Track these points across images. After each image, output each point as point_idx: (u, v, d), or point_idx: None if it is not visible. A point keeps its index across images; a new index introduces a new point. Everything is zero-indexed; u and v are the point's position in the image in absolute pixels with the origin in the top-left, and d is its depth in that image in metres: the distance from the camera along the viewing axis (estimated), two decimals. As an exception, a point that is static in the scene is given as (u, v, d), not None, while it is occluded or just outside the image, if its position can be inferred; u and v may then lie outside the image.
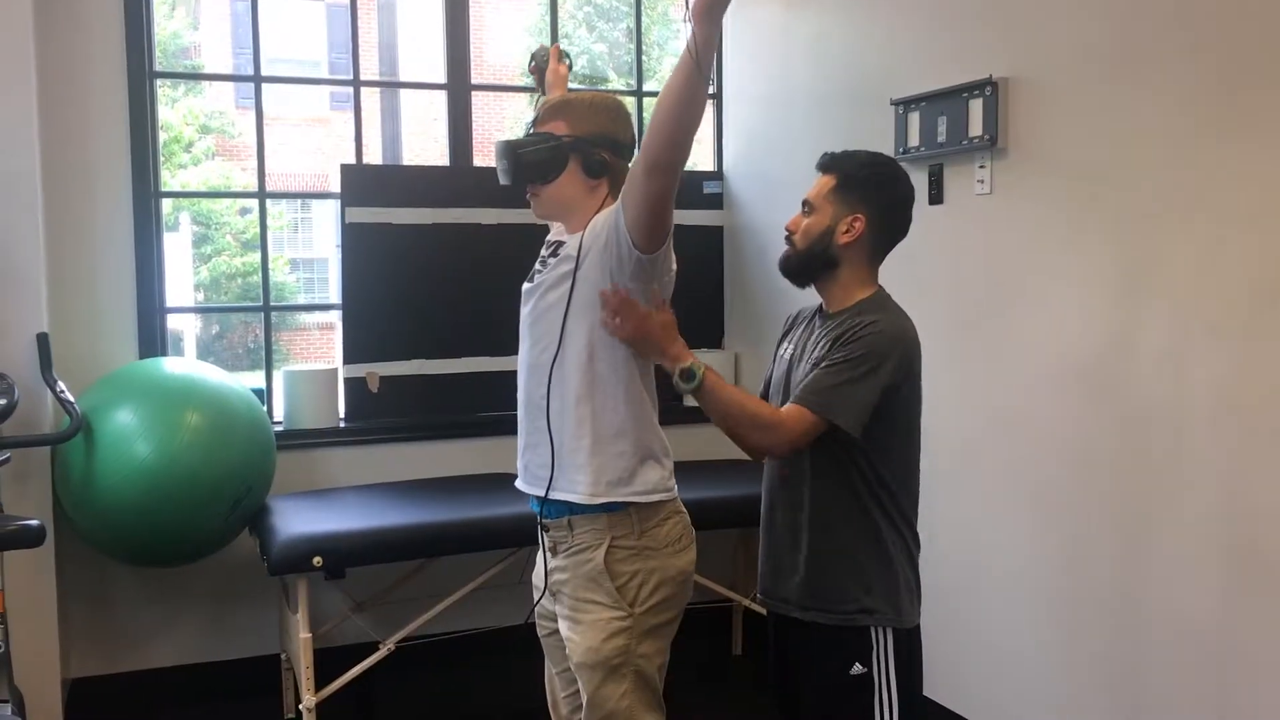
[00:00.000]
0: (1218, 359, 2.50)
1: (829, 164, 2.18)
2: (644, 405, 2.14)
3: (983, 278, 3.18)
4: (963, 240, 3.24)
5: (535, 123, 2.21)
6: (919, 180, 3.37)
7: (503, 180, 2.18)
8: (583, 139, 2.14)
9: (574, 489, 2.12)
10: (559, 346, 2.11)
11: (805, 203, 2.18)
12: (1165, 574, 2.64)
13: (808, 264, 2.17)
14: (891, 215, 2.18)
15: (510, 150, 2.15)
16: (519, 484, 2.26)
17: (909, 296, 3.43)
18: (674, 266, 2.17)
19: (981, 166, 3.15)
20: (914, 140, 3.36)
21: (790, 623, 2.18)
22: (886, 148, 3.46)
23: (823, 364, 2.06)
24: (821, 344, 2.11)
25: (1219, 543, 2.51)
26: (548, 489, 2.13)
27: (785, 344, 2.28)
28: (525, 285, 2.25)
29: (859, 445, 2.06)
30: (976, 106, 3.11)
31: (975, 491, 3.23)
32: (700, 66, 1.83)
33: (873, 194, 2.14)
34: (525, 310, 2.23)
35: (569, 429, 2.11)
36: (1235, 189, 2.45)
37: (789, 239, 2.20)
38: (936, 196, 3.33)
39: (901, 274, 3.46)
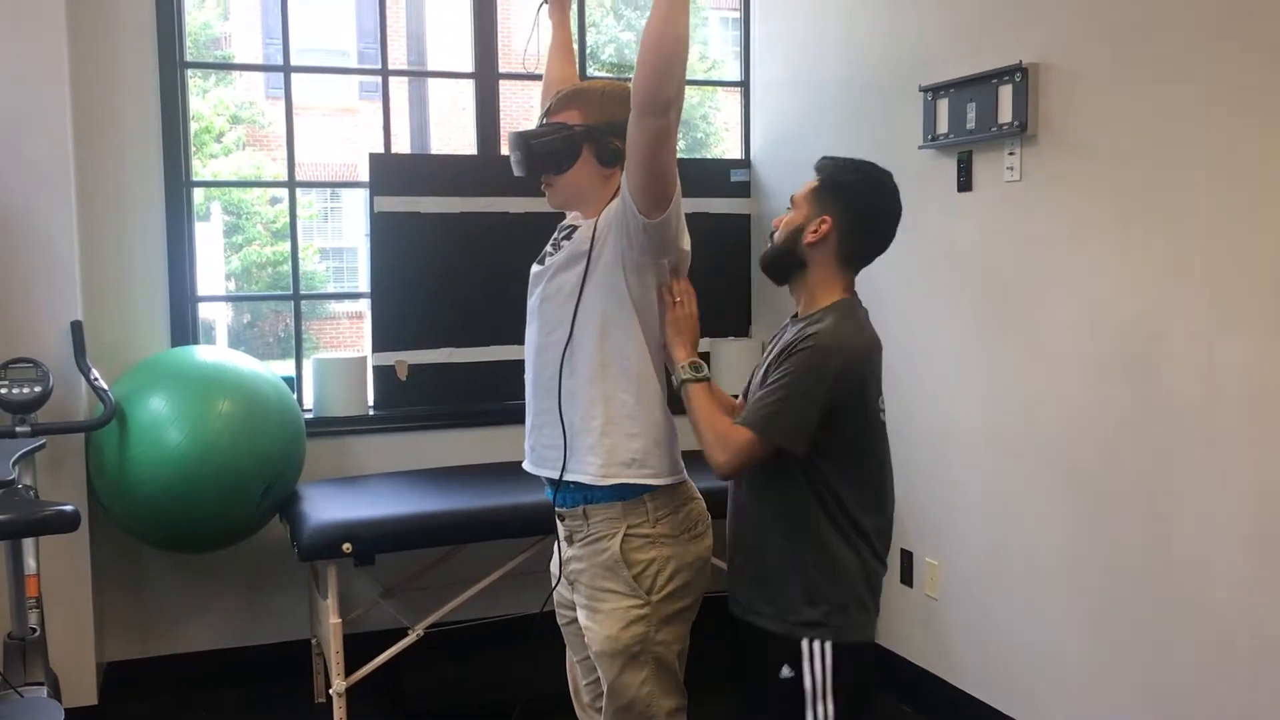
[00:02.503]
0: (1249, 346, 2.47)
1: (820, 166, 2.15)
2: (654, 388, 2.14)
3: (1012, 265, 3.16)
4: (992, 228, 3.22)
5: (548, 113, 2.20)
6: (949, 167, 3.36)
7: (516, 171, 2.18)
8: (596, 128, 2.13)
9: (585, 470, 2.12)
10: (571, 328, 2.11)
11: (792, 200, 2.16)
12: (1195, 561, 2.62)
13: (777, 261, 2.15)
14: (864, 222, 2.11)
15: (524, 141, 2.15)
16: (526, 465, 2.25)
17: (937, 283, 3.44)
18: (687, 246, 2.15)
19: (1011, 153, 3.13)
20: (943, 127, 3.34)
21: (742, 626, 2.16)
22: (915, 135, 3.45)
23: (768, 380, 2.04)
24: (772, 354, 2.11)
25: (1250, 531, 2.49)
26: (562, 471, 2.14)
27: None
28: (535, 268, 2.24)
29: (808, 458, 2.03)
30: (1006, 93, 3.09)
31: (1004, 478, 3.22)
32: None
33: (847, 198, 2.09)
34: (534, 292, 2.23)
35: (579, 410, 2.11)
36: (1269, 175, 2.42)
37: (772, 234, 2.17)
38: (965, 184, 3.30)
39: (931, 262, 3.46)
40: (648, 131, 1.92)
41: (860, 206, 2.09)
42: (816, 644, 2.04)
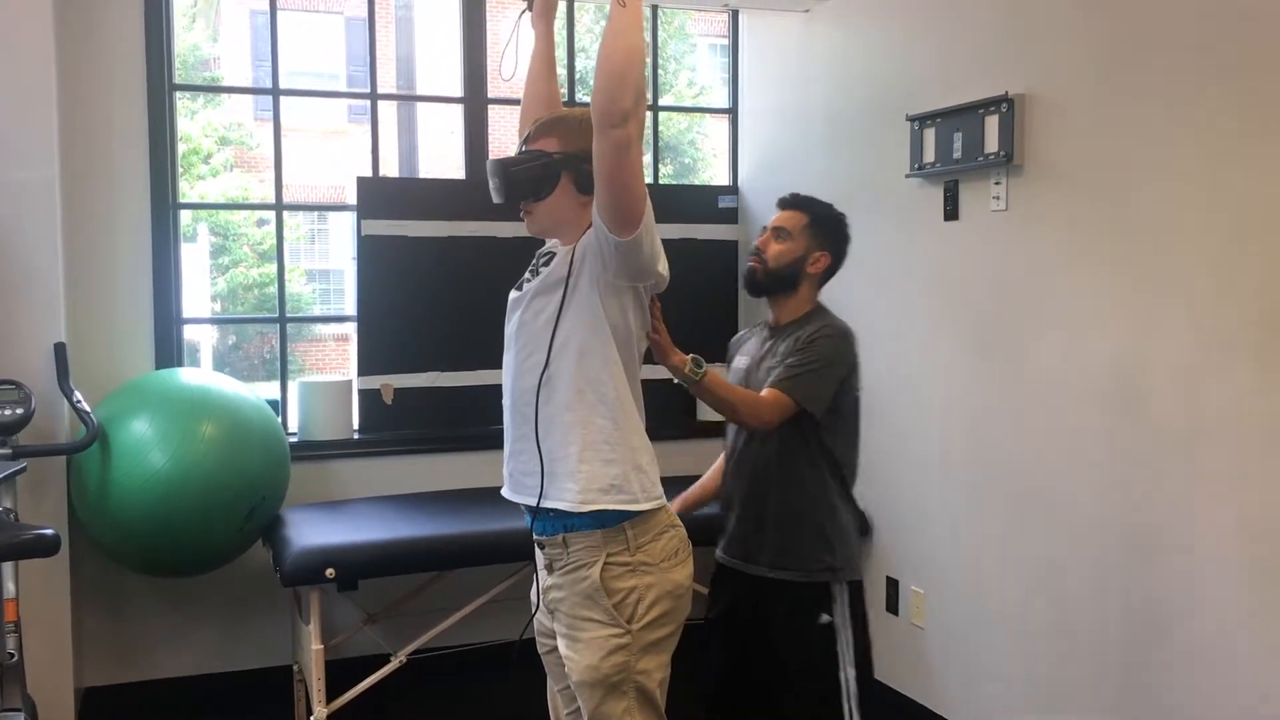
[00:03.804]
0: (1234, 375, 2.49)
1: (802, 203, 2.65)
2: (632, 414, 2.13)
3: (998, 294, 3.17)
4: (978, 257, 3.24)
5: (527, 140, 2.21)
6: (935, 196, 3.38)
7: (495, 198, 2.17)
8: (574, 155, 2.12)
9: (564, 496, 2.10)
10: (548, 354, 2.11)
11: (780, 230, 2.62)
12: (1181, 591, 2.62)
13: (775, 282, 2.62)
14: (842, 259, 2.66)
15: (502, 168, 2.14)
16: (505, 492, 2.23)
17: (923, 312, 3.45)
18: (664, 271, 2.14)
19: (997, 183, 3.14)
20: (929, 156, 3.36)
21: (761, 583, 2.57)
22: (902, 164, 3.47)
23: (790, 360, 2.49)
24: (785, 348, 2.53)
25: (1235, 561, 2.49)
26: (539, 498, 2.13)
27: (739, 358, 2.70)
28: (513, 294, 2.25)
29: (817, 424, 2.50)
30: (992, 123, 3.11)
31: (989, 507, 3.22)
32: (623, 3, 1.89)
33: (836, 239, 2.64)
34: (512, 318, 2.23)
35: (556, 437, 2.11)
36: (1252, 205, 2.44)
37: (759, 256, 2.62)
38: (952, 213, 3.32)
39: (917, 291, 3.47)
40: (608, 143, 1.93)
41: (842, 246, 2.65)
42: (839, 587, 2.54)
